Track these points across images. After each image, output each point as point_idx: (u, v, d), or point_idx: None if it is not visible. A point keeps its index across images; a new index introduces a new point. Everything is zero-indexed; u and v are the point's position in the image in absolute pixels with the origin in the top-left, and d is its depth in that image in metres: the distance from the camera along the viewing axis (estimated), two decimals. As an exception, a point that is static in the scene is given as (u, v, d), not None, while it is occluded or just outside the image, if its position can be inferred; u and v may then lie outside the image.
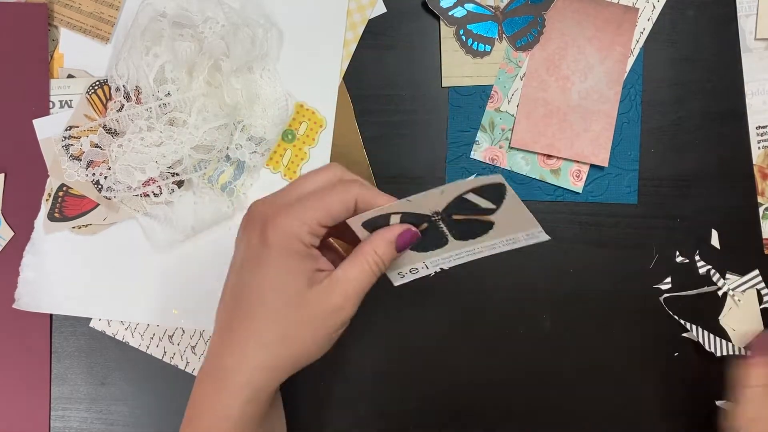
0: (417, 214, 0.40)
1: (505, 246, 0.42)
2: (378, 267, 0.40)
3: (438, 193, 0.38)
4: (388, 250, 0.40)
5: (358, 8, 0.55)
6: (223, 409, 0.39)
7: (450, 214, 0.40)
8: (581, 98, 0.55)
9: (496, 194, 0.38)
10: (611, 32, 0.55)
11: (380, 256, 0.40)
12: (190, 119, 0.50)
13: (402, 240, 0.40)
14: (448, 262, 0.43)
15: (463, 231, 0.41)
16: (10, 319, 0.53)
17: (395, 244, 0.40)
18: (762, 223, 0.56)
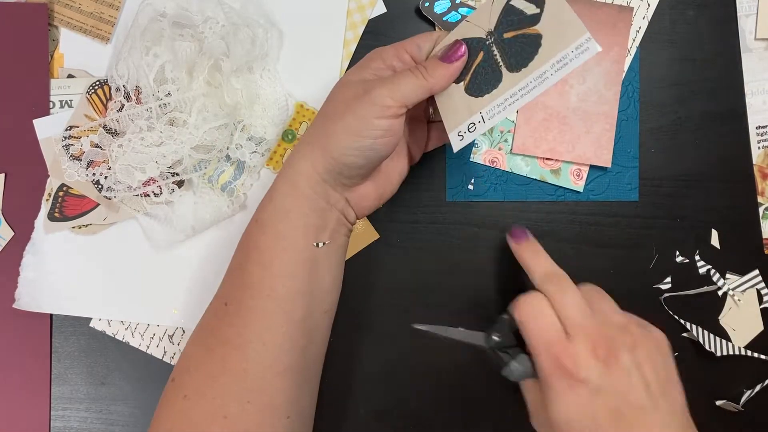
0: (473, 38, 0.43)
1: (557, 71, 0.41)
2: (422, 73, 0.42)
3: (489, 4, 0.43)
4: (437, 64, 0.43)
5: (358, 8, 0.55)
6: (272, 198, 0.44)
7: (501, 33, 0.42)
8: (580, 100, 0.55)
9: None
10: (607, 33, 0.55)
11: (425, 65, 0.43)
12: (190, 119, 0.50)
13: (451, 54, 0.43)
14: (504, 109, 0.43)
15: (515, 54, 0.42)
16: (10, 319, 0.53)
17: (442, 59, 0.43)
18: (762, 223, 0.56)
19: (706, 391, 0.55)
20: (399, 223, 0.55)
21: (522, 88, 0.42)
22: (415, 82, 0.42)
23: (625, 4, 0.55)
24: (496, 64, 0.42)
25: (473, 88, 0.43)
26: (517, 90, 0.42)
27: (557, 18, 0.40)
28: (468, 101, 0.43)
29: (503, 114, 0.42)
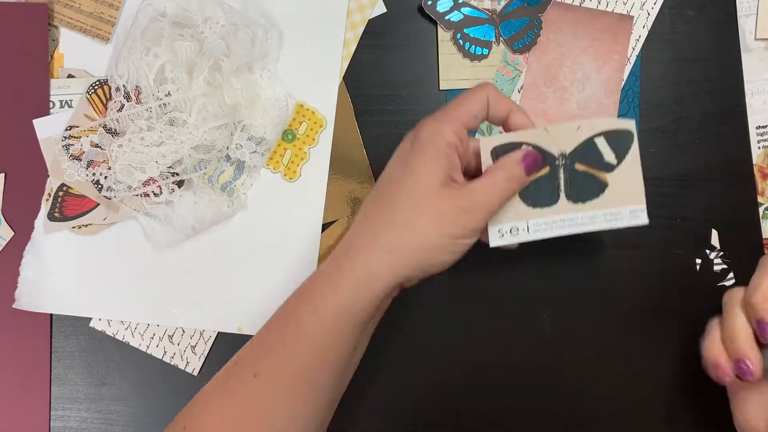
0: (545, 151, 0.43)
1: (606, 222, 0.43)
2: (507, 181, 0.41)
3: (574, 128, 0.42)
4: (516, 167, 0.42)
5: (358, 8, 0.55)
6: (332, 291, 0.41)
7: (574, 161, 0.43)
8: (580, 108, 0.55)
9: (623, 145, 0.42)
10: (607, 41, 0.55)
11: (507, 172, 0.42)
12: (190, 119, 0.50)
13: (528, 159, 0.42)
14: (550, 230, 0.43)
15: (578, 187, 0.43)
16: (10, 319, 0.53)
17: (522, 163, 0.42)
18: (762, 223, 0.56)
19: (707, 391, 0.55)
20: (399, 223, 0.55)
21: (572, 219, 0.43)
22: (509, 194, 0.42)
23: (626, 13, 0.55)
24: (557, 186, 0.43)
25: (528, 197, 0.43)
26: (567, 218, 0.43)
27: (628, 177, 0.43)
28: (518, 205, 0.43)
29: (547, 233, 0.43)
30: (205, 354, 0.54)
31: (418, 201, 0.40)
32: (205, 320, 0.54)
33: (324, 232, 0.55)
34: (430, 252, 0.41)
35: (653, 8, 0.56)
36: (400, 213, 0.41)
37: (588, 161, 0.43)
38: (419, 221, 0.40)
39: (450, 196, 0.40)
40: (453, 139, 0.41)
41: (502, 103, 0.43)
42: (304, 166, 0.55)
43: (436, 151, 0.41)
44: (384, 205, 0.42)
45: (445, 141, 0.41)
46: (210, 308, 0.54)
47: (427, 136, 0.41)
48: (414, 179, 0.41)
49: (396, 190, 0.42)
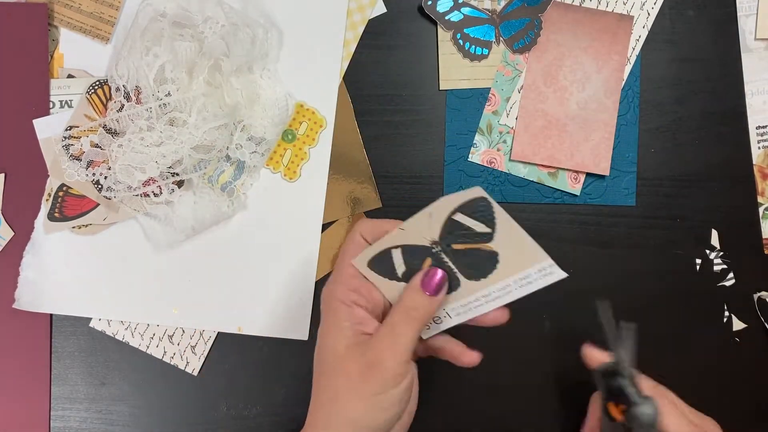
0: (415, 246, 0.39)
1: (521, 288, 0.40)
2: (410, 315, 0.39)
3: (426, 216, 0.38)
4: (417, 296, 0.39)
5: (358, 8, 0.55)
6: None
7: (449, 244, 0.39)
8: (580, 108, 0.55)
9: (485, 213, 0.38)
10: (607, 41, 0.55)
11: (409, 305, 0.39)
12: (190, 119, 0.50)
13: (427, 281, 0.39)
14: (470, 311, 0.41)
15: (470, 265, 0.39)
16: (10, 319, 0.53)
17: (422, 288, 0.39)
18: (762, 223, 0.56)
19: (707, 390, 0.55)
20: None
21: (486, 296, 0.40)
22: (413, 329, 0.39)
23: (625, 13, 0.55)
24: (451, 270, 0.40)
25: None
26: (482, 295, 0.40)
27: (512, 240, 0.38)
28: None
29: (471, 314, 0.41)
30: (205, 354, 0.54)
31: (331, 371, 0.39)
32: (205, 320, 0.54)
33: (324, 232, 0.55)
34: (360, 418, 0.38)
35: (653, 8, 0.56)
36: (324, 390, 0.40)
37: (462, 239, 0.39)
38: (338, 393, 0.39)
39: (357, 356, 0.39)
40: (346, 296, 0.40)
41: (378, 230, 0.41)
42: (304, 166, 0.55)
43: (334, 315, 0.40)
44: (315, 382, 0.41)
45: (339, 301, 0.40)
46: (210, 308, 0.54)
47: (324, 302, 0.41)
48: (323, 350, 0.40)
49: (317, 365, 0.41)
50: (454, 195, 0.37)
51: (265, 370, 0.55)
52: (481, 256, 0.39)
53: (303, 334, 0.54)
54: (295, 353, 0.55)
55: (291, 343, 0.55)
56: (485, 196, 0.37)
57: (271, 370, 0.55)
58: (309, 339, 0.54)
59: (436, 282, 0.39)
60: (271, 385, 0.55)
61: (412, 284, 0.40)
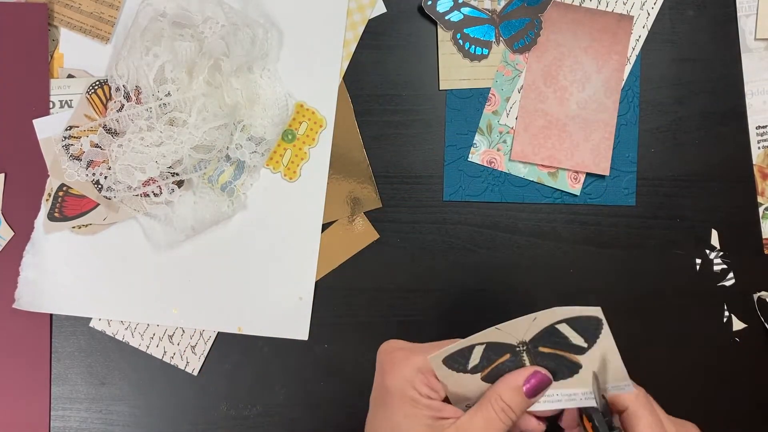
0: (502, 343, 0.38)
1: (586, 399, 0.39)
2: (506, 414, 0.38)
3: (530, 320, 0.37)
4: (516, 396, 0.38)
5: (358, 8, 0.55)
6: None
7: (536, 346, 0.38)
8: (580, 108, 0.55)
9: (591, 330, 0.37)
10: (607, 41, 0.55)
11: (506, 402, 0.38)
12: (190, 119, 0.50)
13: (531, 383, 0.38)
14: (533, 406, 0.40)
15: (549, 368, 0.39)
16: (10, 319, 0.53)
17: (524, 389, 0.38)
18: (762, 223, 0.56)
19: (708, 390, 0.55)
20: (399, 223, 0.55)
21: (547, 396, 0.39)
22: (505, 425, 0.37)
23: (625, 13, 0.55)
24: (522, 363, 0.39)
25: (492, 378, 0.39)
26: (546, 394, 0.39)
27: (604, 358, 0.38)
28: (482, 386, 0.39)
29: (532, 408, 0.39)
30: (205, 354, 0.54)
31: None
32: (205, 320, 0.54)
33: (324, 232, 0.55)
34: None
35: (653, 8, 0.55)
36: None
37: (553, 345, 0.38)
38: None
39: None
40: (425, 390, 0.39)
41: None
42: (304, 166, 0.55)
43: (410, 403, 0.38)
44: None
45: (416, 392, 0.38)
46: (210, 308, 0.54)
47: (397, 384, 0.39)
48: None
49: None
50: (570, 309, 0.36)
51: (265, 370, 0.55)
52: (563, 364, 0.39)
53: (303, 334, 0.54)
54: (295, 353, 0.55)
55: (291, 343, 0.55)
56: (601, 318, 0.37)
57: (271, 370, 0.55)
58: (309, 339, 0.54)
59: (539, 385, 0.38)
60: (271, 385, 0.55)
61: (513, 383, 0.38)
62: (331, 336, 0.55)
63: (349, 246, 0.55)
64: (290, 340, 0.54)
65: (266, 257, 0.54)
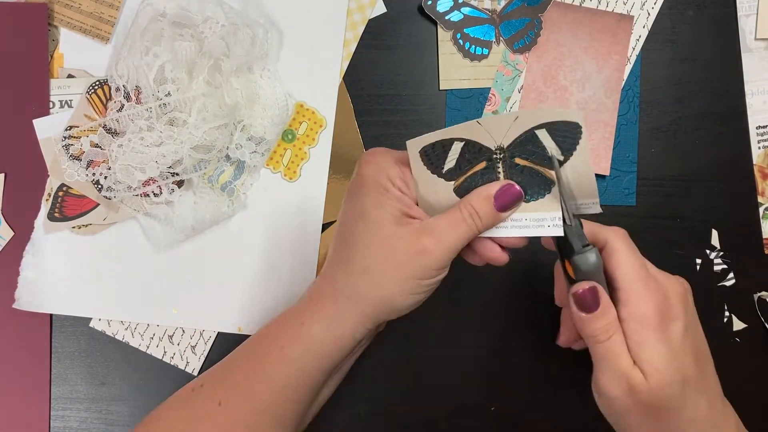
0: (479, 144, 0.37)
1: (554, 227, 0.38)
2: (473, 220, 0.38)
3: (512, 119, 0.36)
4: (485, 206, 0.38)
5: (358, 8, 0.55)
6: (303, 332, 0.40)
7: (513, 155, 0.38)
8: (580, 108, 0.55)
9: (569, 138, 0.36)
10: (607, 41, 0.55)
11: (476, 210, 0.38)
12: (190, 119, 0.50)
13: (503, 197, 0.38)
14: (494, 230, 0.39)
15: (521, 184, 0.38)
16: (10, 319, 0.53)
17: (493, 199, 0.38)
18: (762, 223, 0.56)
19: None
20: (399, 223, 0.55)
21: (514, 221, 0.39)
22: (470, 232, 0.38)
23: (626, 13, 0.55)
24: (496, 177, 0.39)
25: (463, 192, 0.40)
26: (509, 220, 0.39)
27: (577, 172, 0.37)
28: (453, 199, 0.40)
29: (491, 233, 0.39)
30: (205, 354, 0.54)
31: (372, 245, 0.38)
32: (205, 320, 0.54)
33: (324, 232, 0.55)
34: (393, 295, 0.39)
35: (653, 8, 0.55)
36: (356, 259, 0.39)
37: (529, 156, 0.38)
38: (376, 266, 0.38)
39: (407, 236, 0.38)
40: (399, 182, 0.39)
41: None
42: (304, 166, 0.55)
43: (382, 192, 0.39)
44: (341, 250, 0.40)
45: (389, 181, 0.39)
46: (210, 308, 0.54)
47: (371, 171, 0.39)
48: (363, 222, 0.39)
49: (350, 232, 0.40)
50: (553, 110, 0.36)
51: (265, 370, 0.55)
52: (536, 180, 0.38)
53: (303, 334, 0.54)
54: (295, 353, 0.55)
55: (291, 343, 0.54)
56: (581, 125, 0.36)
57: (271, 370, 0.55)
58: (309, 339, 0.54)
59: (512, 201, 0.38)
60: (271, 385, 0.55)
61: (484, 192, 0.38)
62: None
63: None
64: (290, 340, 0.54)
65: (266, 257, 0.54)
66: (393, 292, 0.39)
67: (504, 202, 0.38)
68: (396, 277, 0.38)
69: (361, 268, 0.39)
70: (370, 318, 0.40)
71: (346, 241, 0.40)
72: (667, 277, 0.42)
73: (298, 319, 0.41)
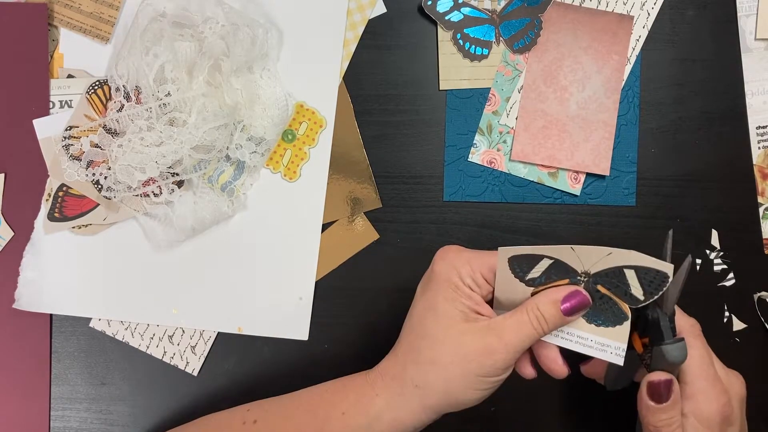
0: (566, 266, 0.39)
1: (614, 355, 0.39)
2: (539, 322, 0.39)
3: (605, 253, 0.38)
4: (551, 309, 0.39)
5: (358, 8, 0.55)
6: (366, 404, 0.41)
7: (596, 282, 0.39)
8: (580, 108, 0.55)
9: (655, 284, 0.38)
10: (607, 41, 0.55)
11: (542, 313, 0.39)
12: (190, 119, 0.50)
13: (570, 302, 0.39)
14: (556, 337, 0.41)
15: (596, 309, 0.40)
16: (10, 319, 0.53)
17: (561, 305, 0.39)
18: (762, 223, 0.56)
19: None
20: (399, 223, 0.55)
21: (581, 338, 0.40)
22: (536, 335, 0.39)
23: (625, 13, 0.55)
24: None
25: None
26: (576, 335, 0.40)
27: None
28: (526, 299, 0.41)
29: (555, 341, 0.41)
30: (205, 354, 0.54)
31: (440, 339, 0.40)
32: (205, 320, 0.54)
33: (324, 232, 0.55)
34: (458, 390, 0.40)
35: (653, 8, 0.55)
36: (425, 350, 0.40)
37: (612, 288, 0.39)
38: (443, 360, 0.40)
39: (474, 333, 0.39)
40: (470, 281, 0.41)
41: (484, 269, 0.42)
42: (304, 166, 0.55)
43: (451, 287, 0.41)
44: (411, 340, 0.42)
45: (460, 279, 0.41)
46: (210, 308, 0.54)
47: (443, 269, 0.41)
48: (434, 316, 0.41)
49: (420, 324, 0.41)
50: (648, 258, 0.38)
51: (265, 370, 0.55)
52: (611, 310, 0.39)
53: (303, 334, 0.54)
54: (294, 353, 0.55)
55: (291, 343, 0.55)
56: (670, 276, 0.38)
57: (271, 370, 0.55)
58: (309, 339, 0.54)
59: (578, 306, 0.39)
60: (271, 385, 0.55)
61: (552, 296, 0.39)
62: (331, 336, 0.55)
63: (349, 246, 0.55)
64: (290, 340, 0.54)
65: (266, 257, 0.54)
66: (458, 387, 0.40)
67: (571, 305, 0.39)
68: (462, 372, 0.39)
69: (430, 360, 0.40)
70: (434, 409, 0.41)
71: (416, 331, 0.42)
72: (730, 376, 0.43)
73: (364, 389, 0.42)
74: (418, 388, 0.40)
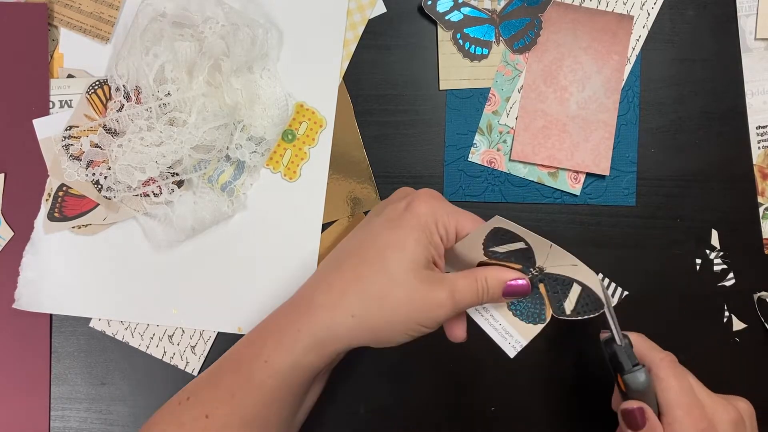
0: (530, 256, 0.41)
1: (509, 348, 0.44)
2: (483, 292, 0.41)
3: (571, 262, 0.41)
4: (496, 286, 0.41)
5: (358, 8, 0.55)
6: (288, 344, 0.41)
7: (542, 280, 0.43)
8: (580, 108, 0.55)
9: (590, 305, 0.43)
10: (607, 41, 0.55)
11: (489, 286, 0.41)
12: (190, 119, 0.50)
13: (512, 287, 0.42)
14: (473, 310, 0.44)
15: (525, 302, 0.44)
16: (10, 319, 0.53)
17: (504, 286, 0.42)
18: (762, 223, 0.56)
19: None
20: (399, 223, 0.55)
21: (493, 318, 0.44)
22: (475, 302, 0.41)
23: (625, 13, 0.55)
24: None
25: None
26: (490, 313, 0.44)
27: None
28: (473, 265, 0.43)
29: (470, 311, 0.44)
30: (205, 354, 0.54)
31: (398, 280, 0.40)
32: (205, 320, 0.54)
33: (324, 232, 0.55)
34: (392, 331, 0.41)
35: (653, 8, 0.55)
36: (377, 285, 0.40)
37: (551, 291, 0.43)
38: (393, 301, 0.40)
39: (431, 283, 0.40)
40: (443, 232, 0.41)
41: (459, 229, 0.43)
42: (304, 166, 0.55)
43: (426, 233, 0.41)
44: (362, 270, 0.41)
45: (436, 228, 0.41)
46: (210, 308, 0.54)
47: (424, 212, 0.41)
48: (400, 255, 0.40)
49: (378, 258, 0.41)
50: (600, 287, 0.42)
51: (265, 370, 0.55)
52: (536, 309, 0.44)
53: (303, 334, 0.54)
54: (295, 353, 0.55)
55: (291, 343, 0.54)
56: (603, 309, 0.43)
57: (271, 370, 0.55)
58: (309, 339, 0.54)
59: (517, 293, 0.42)
60: (271, 385, 0.55)
61: (502, 275, 0.42)
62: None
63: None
64: (290, 340, 0.54)
65: (266, 257, 0.54)
66: (396, 328, 0.40)
67: (512, 290, 0.42)
68: (406, 316, 0.40)
69: (379, 296, 0.40)
70: (363, 341, 0.41)
71: (370, 263, 0.41)
72: (717, 404, 0.43)
73: (284, 329, 0.42)
74: (355, 318, 0.40)
